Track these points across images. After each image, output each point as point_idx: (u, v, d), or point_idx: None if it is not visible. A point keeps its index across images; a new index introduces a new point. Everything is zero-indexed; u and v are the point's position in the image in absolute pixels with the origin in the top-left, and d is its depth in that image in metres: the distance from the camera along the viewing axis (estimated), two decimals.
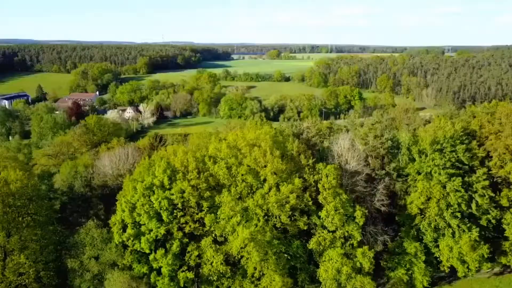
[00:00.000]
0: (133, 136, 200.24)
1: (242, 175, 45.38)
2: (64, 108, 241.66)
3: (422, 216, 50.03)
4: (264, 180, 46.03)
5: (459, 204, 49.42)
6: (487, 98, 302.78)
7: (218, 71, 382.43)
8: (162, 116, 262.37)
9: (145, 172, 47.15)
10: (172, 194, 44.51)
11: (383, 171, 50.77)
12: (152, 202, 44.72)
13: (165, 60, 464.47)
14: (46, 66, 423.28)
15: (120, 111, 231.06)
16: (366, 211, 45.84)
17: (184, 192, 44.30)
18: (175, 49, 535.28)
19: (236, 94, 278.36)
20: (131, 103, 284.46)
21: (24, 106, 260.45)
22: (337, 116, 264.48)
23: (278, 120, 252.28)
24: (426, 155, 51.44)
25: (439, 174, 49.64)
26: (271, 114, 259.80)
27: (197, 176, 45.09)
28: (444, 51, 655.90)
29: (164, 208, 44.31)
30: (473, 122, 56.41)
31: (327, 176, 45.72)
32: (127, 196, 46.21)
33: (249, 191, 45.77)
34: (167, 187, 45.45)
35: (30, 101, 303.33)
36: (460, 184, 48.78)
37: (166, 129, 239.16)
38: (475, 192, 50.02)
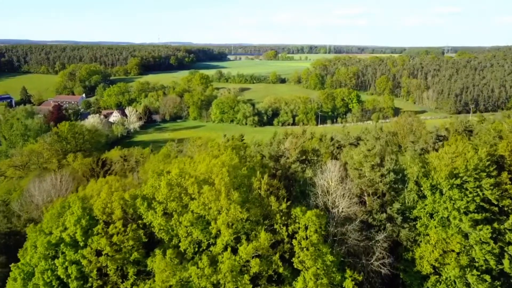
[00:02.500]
0: (116, 142, 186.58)
1: (186, 227, 32.27)
2: (45, 111, 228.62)
3: (437, 276, 37.06)
4: (219, 231, 32.95)
5: (486, 260, 36.64)
6: (491, 101, 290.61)
7: (211, 72, 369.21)
8: (150, 120, 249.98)
9: (54, 221, 33.98)
10: (85, 257, 31.34)
11: (384, 215, 37.70)
12: (57, 267, 31.56)
13: (158, 61, 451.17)
14: (34, 67, 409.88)
15: (103, 116, 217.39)
16: (361, 277, 32.76)
17: (100, 254, 31.19)
18: (168, 49, 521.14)
19: (228, 96, 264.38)
20: (119, 106, 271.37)
21: (5, 110, 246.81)
22: (334, 120, 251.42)
23: (272, 124, 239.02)
24: (442, 193, 38.44)
25: (460, 220, 36.68)
26: (265, 117, 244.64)
27: (123, 229, 31.95)
28: (444, 51, 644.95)
29: (73, 277, 31.16)
30: (501, 146, 43.20)
31: (306, 228, 32.66)
32: (26, 256, 33.10)
33: (196, 249, 32.65)
34: (81, 244, 32.33)
35: (13, 103, 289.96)
36: (489, 234, 35.87)
37: (153, 134, 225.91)
38: (509, 244, 37.10)
